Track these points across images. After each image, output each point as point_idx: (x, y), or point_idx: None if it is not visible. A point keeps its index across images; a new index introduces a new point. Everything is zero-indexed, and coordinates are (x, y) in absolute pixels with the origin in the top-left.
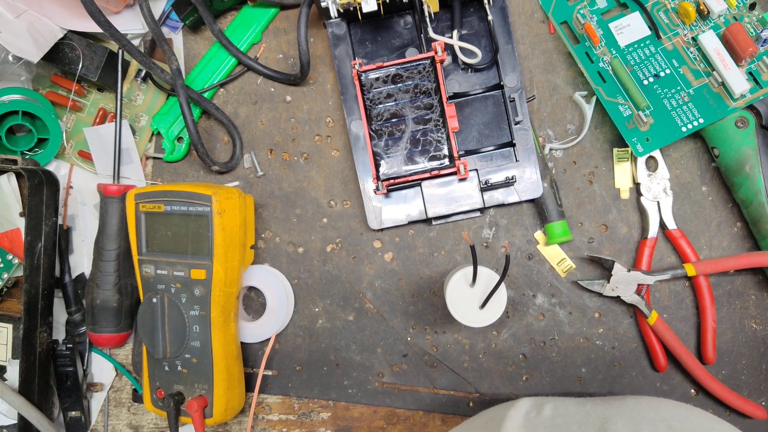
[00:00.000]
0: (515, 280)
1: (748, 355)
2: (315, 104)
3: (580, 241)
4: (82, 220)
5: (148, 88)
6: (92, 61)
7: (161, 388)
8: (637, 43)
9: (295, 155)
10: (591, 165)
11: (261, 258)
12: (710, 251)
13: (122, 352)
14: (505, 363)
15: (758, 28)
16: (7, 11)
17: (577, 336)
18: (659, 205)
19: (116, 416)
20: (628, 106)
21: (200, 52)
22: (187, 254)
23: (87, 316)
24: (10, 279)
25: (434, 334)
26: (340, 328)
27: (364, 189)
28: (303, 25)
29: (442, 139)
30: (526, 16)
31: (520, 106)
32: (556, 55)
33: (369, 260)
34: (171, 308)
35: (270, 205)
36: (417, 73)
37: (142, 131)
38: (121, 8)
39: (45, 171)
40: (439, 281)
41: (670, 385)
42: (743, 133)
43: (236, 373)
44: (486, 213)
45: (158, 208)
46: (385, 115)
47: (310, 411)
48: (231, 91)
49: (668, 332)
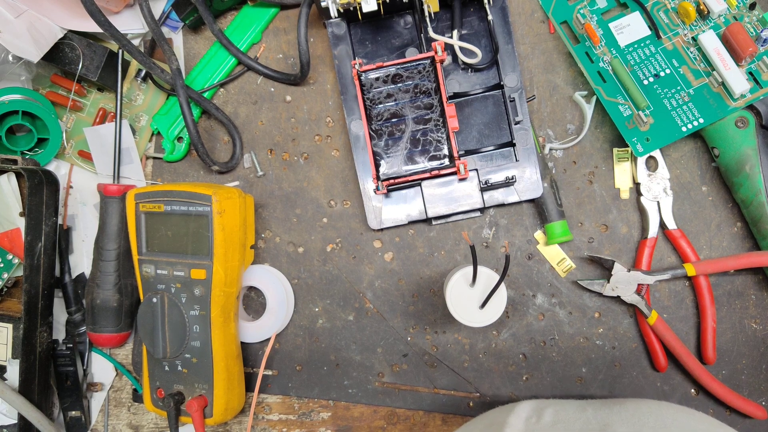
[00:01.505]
0: (515, 280)
1: (748, 355)
2: (315, 104)
3: (580, 241)
4: (82, 220)
5: (148, 88)
6: (92, 61)
7: (161, 388)
8: (637, 43)
9: (295, 155)
10: (591, 165)
11: (261, 258)
12: (710, 251)
13: (122, 352)
14: (506, 363)
15: (758, 28)
16: (7, 11)
17: (577, 336)
18: (659, 205)
19: (116, 416)
20: (628, 106)
21: (200, 52)
22: (187, 254)
23: (87, 316)
24: (10, 279)
25: (434, 334)
26: (340, 328)
27: (364, 189)
28: (303, 25)
29: (442, 139)
30: (526, 16)
31: (520, 106)
32: (556, 55)
33: (369, 260)
34: (171, 308)
35: (270, 205)
36: (417, 73)
37: (142, 131)
38: (121, 8)
39: (45, 171)
40: (439, 281)
41: (670, 385)
42: (743, 133)
43: (236, 373)
44: (486, 213)
45: (158, 208)
46: (385, 115)
47: (310, 411)
48: (231, 91)
49: (668, 332)
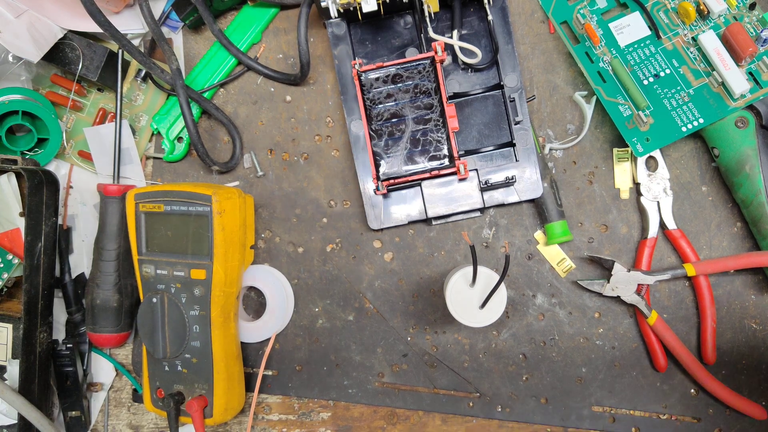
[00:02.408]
0: (515, 280)
1: (748, 355)
2: (315, 104)
3: (580, 241)
4: (82, 220)
5: (148, 88)
6: (92, 61)
7: (161, 388)
8: (637, 43)
9: (295, 155)
10: (591, 165)
11: (261, 258)
12: (710, 251)
13: (122, 352)
14: (506, 363)
15: (758, 28)
16: (7, 11)
17: (577, 336)
18: (659, 205)
19: (116, 416)
20: (628, 106)
21: (200, 52)
22: (187, 254)
23: (87, 316)
24: (10, 279)
25: (434, 334)
26: (340, 328)
27: (364, 189)
28: (303, 25)
29: (442, 139)
30: (526, 16)
31: (520, 106)
32: (556, 55)
33: (369, 260)
34: (171, 308)
35: (270, 205)
36: (417, 73)
37: (142, 131)
38: (121, 8)
39: (45, 171)
40: (439, 281)
41: (670, 385)
42: (743, 133)
43: (236, 373)
44: (486, 213)
45: (158, 208)
46: (385, 115)
47: (310, 411)
48: (231, 91)
49: (668, 332)
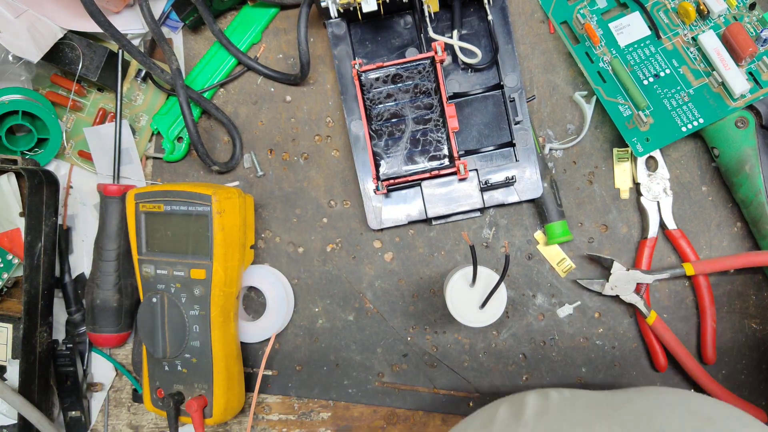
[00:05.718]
0: (515, 280)
1: (748, 355)
2: (315, 104)
3: (580, 241)
4: (82, 220)
5: (148, 88)
6: (92, 61)
7: (161, 388)
8: (637, 43)
9: (295, 155)
10: (591, 165)
11: (261, 258)
12: (710, 251)
13: (122, 352)
14: (506, 363)
15: (758, 28)
16: (7, 11)
17: (577, 336)
18: (659, 205)
19: (116, 416)
20: (628, 106)
21: (200, 52)
22: (187, 254)
23: (87, 316)
24: (10, 279)
25: (434, 334)
26: (340, 328)
27: (364, 189)
28: (303, 25)
29: (442, 139)
30: (526, 16)
31: (520, 106)
32: (556, 55)
33: (369, 260)
34: (171, 308)
35: (270, 205)
36: (417, 73)
37: (142, 131)
38: (121, 8)
39: (45, 171)
40: (439, 281)
41: (669, 385)
42: (743, 133)
43: (236, 373)
44: (486, 213)
45: (158, 208)
46: (385, 115)
47: (310, 411)
48: (231, 91)
49: (668, 332)
